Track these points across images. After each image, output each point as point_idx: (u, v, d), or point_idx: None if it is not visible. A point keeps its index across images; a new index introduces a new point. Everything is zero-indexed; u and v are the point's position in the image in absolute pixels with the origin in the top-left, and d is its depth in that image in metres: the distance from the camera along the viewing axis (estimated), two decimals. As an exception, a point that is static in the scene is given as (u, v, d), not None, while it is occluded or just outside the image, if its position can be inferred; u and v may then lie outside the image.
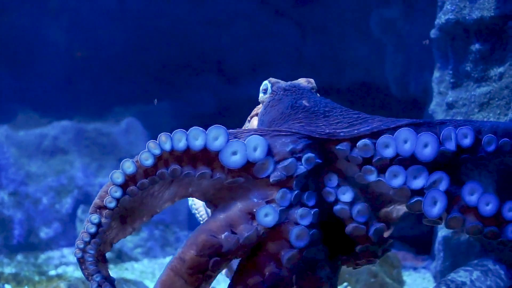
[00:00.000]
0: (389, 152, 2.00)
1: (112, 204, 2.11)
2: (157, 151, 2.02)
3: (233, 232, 1.98)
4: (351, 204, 2.02)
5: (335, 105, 2.32)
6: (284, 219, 1.98)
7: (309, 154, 2.01)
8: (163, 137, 2.01)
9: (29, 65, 8.71)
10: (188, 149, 2.00)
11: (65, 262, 6.29)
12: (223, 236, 1.98)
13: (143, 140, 7.72)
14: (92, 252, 2.19)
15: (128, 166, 2.06)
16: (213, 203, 2.17)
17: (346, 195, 2.03)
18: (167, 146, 2.01)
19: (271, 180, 1.99)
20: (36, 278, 5.41)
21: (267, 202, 1.99)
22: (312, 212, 1.99)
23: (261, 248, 1.99)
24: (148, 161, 2.03)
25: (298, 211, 1.97)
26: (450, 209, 2.00)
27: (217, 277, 2.07)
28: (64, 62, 8.87)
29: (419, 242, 5.68)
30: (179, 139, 2.00)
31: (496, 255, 3.49)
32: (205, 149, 2.00)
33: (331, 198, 2.04)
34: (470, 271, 3.28)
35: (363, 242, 2.05)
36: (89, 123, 7.74)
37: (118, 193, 2.08)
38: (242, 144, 1.98)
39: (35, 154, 7.36)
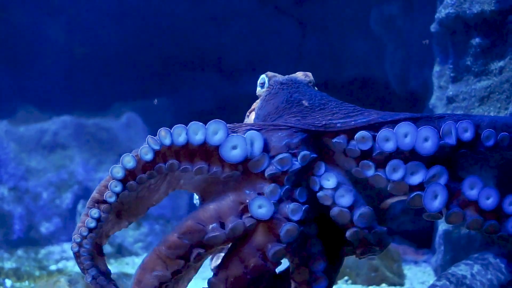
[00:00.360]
0: (389, 146, 2.00)
1: (112, 199, 2.11)
2: (157, 146, 2.03)
3: (221, 224, 1.98)
4: (335, 190, 1.99)
5: (331, 98, 2.31)
6: (275, 213, 1.97)
7: (305, 152, 2.01)
8: (162, 132, 2.02)
9: (29, 61, 8.70)
10: (187, 143, 2.00)
11: (65, 257, 6.29)
12: (210, 226, 1.98)
13: (142, 135, 7.72)
14: (87, 247, 2.20)
15: (128, 160, 2.06)
16: (203, 195, 2.17)
17: (330, 181, 2.00)
18: (167, 141, 2.01)
19: (266, 174, 1.99)
20: (37, 273, 5.41)
21: (259, 195, 1.99)
22: (303, 208, 1.98)
23: (248, 240, 1.98)
24: (148, 156, 2.04)
25: (290, 206, 1.96)
26: (450, 204, 2.00)
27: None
28: (64, 58, 8.87)
29: (419, 236, 5.68)
30: (179, 134, 2.00)
31: (498, 249, 3.50)
32: (203, 144, 2.00)
33: (316, 187, 2.03)
34: (471, 265, 3.28)
35: (349, 228, 2.00)
36: (89, 119, 7.74)
37: (118, 188, 2.09)
38: (242, 138, 1.98)
39: (35, 149, 7.36)
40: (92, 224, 2.17)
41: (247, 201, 1.98)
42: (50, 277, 4.58)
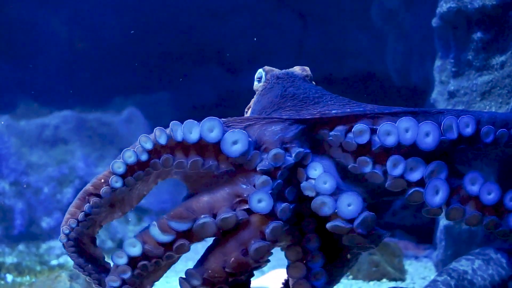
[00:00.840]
0: (391, 140, 1.99)
1: (108, 195, 2.12)
2: (150, 145, 2.04)
3: (213, 216, 1.98)
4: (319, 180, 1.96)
5: (326, 92, 2.31)
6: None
7: (299, 149, 2.00)
8: (157, 131, 2.04)
9: (30, 55, 8.70)
10: (183, 141, 2.01)
11: (66, 252, 6.28)
12: (202, 216, 1.98)
13: (143, 130, 7.71)
14: (74, 239, 2.26)
15: (129, 155, 2.07)
16: (193, 185, 2.17)
17: (317, 171, 1.98)
18: (162, 140, 2.01)
19: (258, 169, 1.99)
20: (38, 268, 5.41)
21: (255, 187, 1.98)
22: (291, 207, 1.97)
23: (234, 234, 1.97)
24: (144, 156, 2.06)
25: (280, 205, 1.95)
26: (451, 199, 1.99)
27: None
28: (65, 52, 8.87)
29: (420, 231, 5.68)
30: (176, 130, 2.01)
31: (499, 244, 3.49)
32: (199, 140, 2.00)
33: (303, 178, 2.01)
34: (472, 260, 3.27)
35: (332, 218, 1.95)
36: (90, 113, 7.75)
37: (119, 183, 2.10)
38: (243, 133, 1.98)
39: (36, 144, 7.36)
40: (83, 217, 2.19)
41: (245, 195, 1.97)
42: (51, 272, 4.58)
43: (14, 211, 6.88)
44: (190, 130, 1.99)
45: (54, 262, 5.85)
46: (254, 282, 4.06)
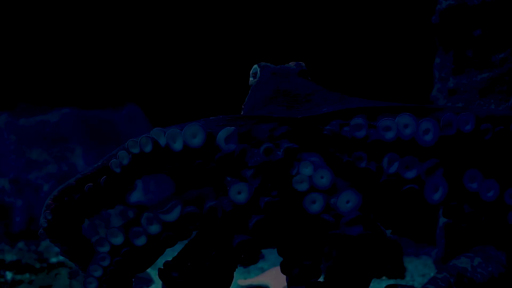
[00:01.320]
0: (389, 136, 1.99)
1: (92, 192, 2.13)
2: (137, 150, 2.05)
3: (199, 208, 1.98)
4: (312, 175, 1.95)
5: (318, 87, 2.30)
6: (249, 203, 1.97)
7: (288, 145, 2.00)
8: (143, 139, 2.04)
9: (30, 51, 8.69)
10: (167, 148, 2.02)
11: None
12: (187, 206, 1.98)
13: (143, 127, 7.72)
14: (51, 231, 2.22)
15: (125, 155, 2.08)
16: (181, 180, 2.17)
17: (308, 168, 1.96)
18: (148, 149, 2.02)
19: (249, 164, 1.99)
20: (37, 265, 5.41)
21: (241, 180, 1.98)
22: (275, 201, 1.97)
23: (216, 227, 1.99)
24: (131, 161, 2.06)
25: (266, 199, 1.95)
26: (449, 197, 1.99)
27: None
28: (65, 48, 8.86)
29: (420, 229, 5.67)
30: (158, 137, 2.02)
31: (499, 241, 3.50)
32: (185, 147, 2.00)
33: (294, 171, 1.99)
34: (472, 258, 3.28)
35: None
36: (90, 110, 7.75)
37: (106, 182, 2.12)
38: (234, 130, 1.98)
39: (36, 141, 7.36)
40: (59, 209, 2.19)
41: (228, 188, 1.98)
42: (50, 270, 4.58)
43: (13, 208, 6.89)
44: (174, 140, 2.00)
45: (53, 259, 5.85)
46: (254, 279, 4.07)
